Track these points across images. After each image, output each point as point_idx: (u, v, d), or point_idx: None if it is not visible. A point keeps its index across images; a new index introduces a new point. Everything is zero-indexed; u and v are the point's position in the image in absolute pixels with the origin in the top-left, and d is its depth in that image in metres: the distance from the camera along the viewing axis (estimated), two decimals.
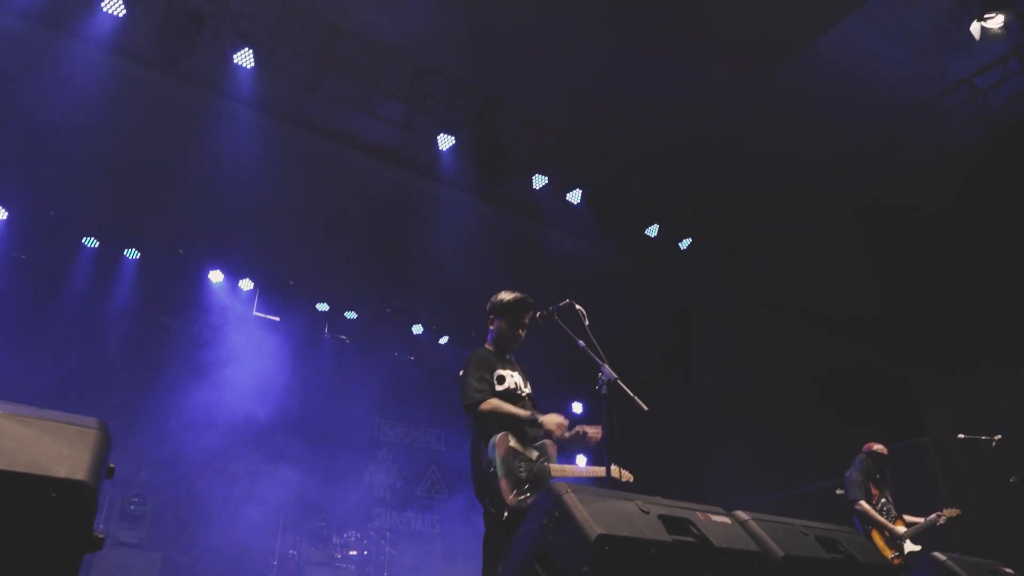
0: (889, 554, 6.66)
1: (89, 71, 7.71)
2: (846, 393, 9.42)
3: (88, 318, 9.41)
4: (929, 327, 8.84)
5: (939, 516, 6.82)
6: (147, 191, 9.42)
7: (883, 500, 6.93)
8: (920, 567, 4.35)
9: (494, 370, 4.39)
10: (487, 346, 4.64)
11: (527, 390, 4.51)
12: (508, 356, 4.61)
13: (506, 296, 4.62)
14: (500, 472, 3.97)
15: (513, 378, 4.43)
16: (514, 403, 4.29)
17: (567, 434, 4.29)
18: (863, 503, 6.78)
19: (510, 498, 3.92)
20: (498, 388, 4.33)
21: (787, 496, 9.72)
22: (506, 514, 3.88)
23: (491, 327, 4.64)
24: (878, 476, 7.04)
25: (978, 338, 8.30)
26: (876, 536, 6.75)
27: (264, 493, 9.00)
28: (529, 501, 3.92)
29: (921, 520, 6.87)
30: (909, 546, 6.68)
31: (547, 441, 4.32)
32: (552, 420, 4.21)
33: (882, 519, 6.78)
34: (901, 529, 6.77)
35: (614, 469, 4.04)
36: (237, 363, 9.98)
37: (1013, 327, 7.99)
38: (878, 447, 7.05)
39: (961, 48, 8.55)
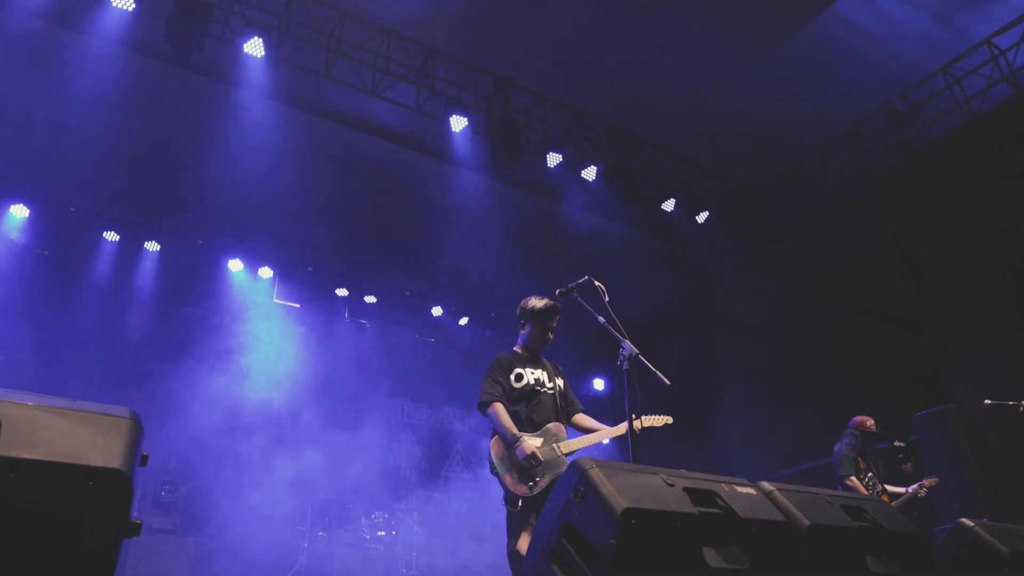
0: None
1: (102, 66, 7.77)
2: (866, 364, 9.37)
3: (111, 310, 9.54)
4: (951, 296, 8.72)
5: (920, 487, 6.83)
6: (163, 183, 9.50)
7: (870, 474, 6.88)
8: (947, 534, 4.32)
9: (512, 370, 4.57)
10: (516, 348, 4.81)
11: (551, 385, 4.65)
12: (534, 356, 4.77)
13: (536, 303, 4.76)
14: (501, 471, 4.25)
15: (534, 375, 4.60)
16: (530, 399, 4.49)
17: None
18: (853, 478, 6.70)
19: (521, 489, 4.15)
20: (516, 386, 4.53)
21: (810, 468, 9.72)
22: (520, 503, 4.14)
23: (522, 331, 4.81)
24: (866, 450, 7.02)
25: (1002, 305, 8.18)
26: None
27: (291, 477, 9.12)
28: (542, 485, 4.11)
29: (903, 491, 6.89)
30: None
31: (551, 426, 4.46)
32: (527, 447, 4.21)
33: (869, 494, 6.71)
34: (891, 504, 6.74)
35: (645, 419, 4.32)
36: (259, 350, 10.09)
37: None
38: (869, 422, 7.01)
39: (979, 8, 8.39)
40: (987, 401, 6.79)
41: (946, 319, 8.72)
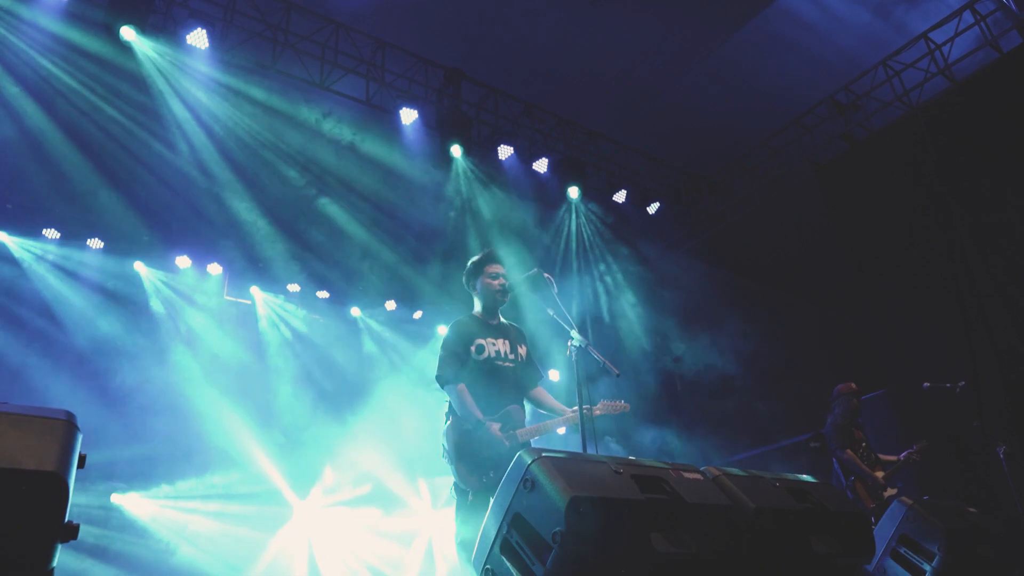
0: (871, 504, 6.53)
1: (37, 56, 7.49)
2: (814, 351, 9.59)
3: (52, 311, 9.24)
4: (891, 281, 8.98)
5: (912, 452, 6.80)
6: (104, 181, 9.20)
7: (863, 444, 6.84)
8: (885, 514, 4.46)
9: (472, 340, 4.42)
10: (474, 313, 4.67)
11: (513, 356, 4.50)
12: (495, 321, 4.62)
13: (473, 258, 4.71)
14: (454, 458, 4.15)
15: (495, 346, 4.45)
16: (490, 376, 4.35)
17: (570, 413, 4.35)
18: (850, 452, 6.68)
19: (472, 481, 4.07)
20: (477, 358, 4.37)
21: (759, 453, 9.92)
22: (470, 497, 4.07)
23: (473, 294, 4.70)
24: (857, 419, 6.95)
25: (940, 289, 8.45)
26: (859, 485, 6.65)
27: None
28: (494, 478, 4.00)
29: (894, 459, 6.86)
30: (888, 492, 6.59)
31: (511, 409, 4.36)
32: (492, 437, 4.17)
33: (865, 468, 6.68)
34: (880, 474, 6.70)
35: (603, 404, 4.29)
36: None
37: (978, 277, 8.13)
38: (853, 385, 6.99)
39: (917, 3, 8.64)
40: (925, 384, 7.00)
41: (887, 304, 8.98)
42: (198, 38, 7.49)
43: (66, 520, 1.84)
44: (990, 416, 7.10)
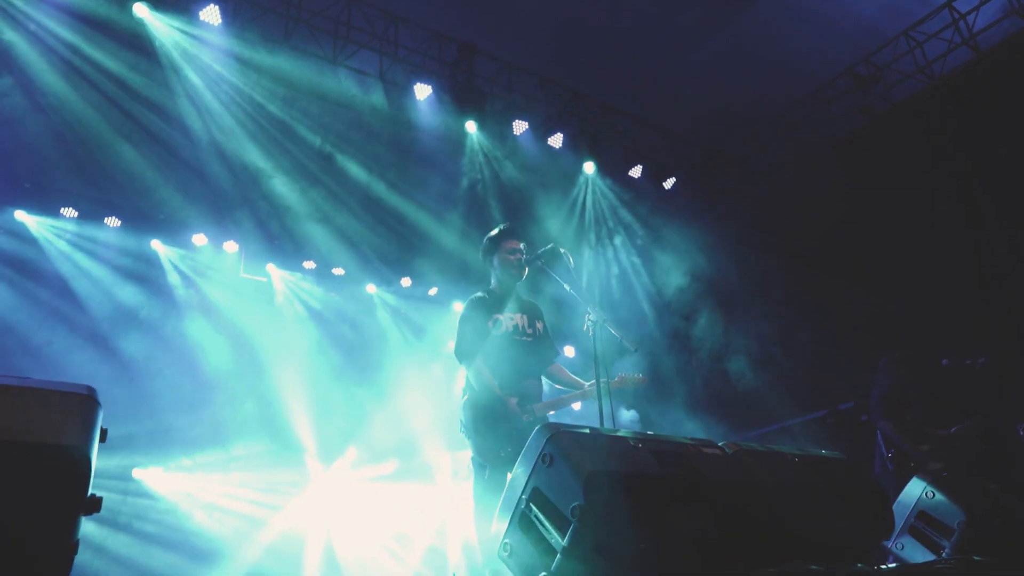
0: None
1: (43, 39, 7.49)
2: (832, 327, 9.52)
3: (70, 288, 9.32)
4: (910, 255, 8.87)
5: (964, 427, 6.33)
6: (120, 160, 9.22)
7: (910, 417, 6.43)
8: (904, 490, 4.42)
9: (490, 315, 4.42)
10: (491, 288, 4.66)
11: (531, 331, 4.49)
12: (512, 296, 4.60)
13: (489, 233, 4.69)
14: (473, 434, 4.17)
15: (512, 320, 4.44)
16: (509, 349, 4.35)
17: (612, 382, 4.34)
18: (891, 422, 6.35)
19: (490, 456, 4.09)
20: (495, 333, 4.37)
21: (779, 428, 9.90)
22: (488, 471, 4.09)
23: (490, 269, 4.68)
24: (908, 388, 6.58)
25: (962, 264, 8.34)
26: (899, 458, 6.30)
27: None
28: (509, 450, 4.02)
29: (944, 433, 6.39)
30: (932, 466, 6.03)
31: (530, 382, 4.38)
32: (512, 403, 4.19)
33: (907, 440, 6.26)
34: (925, 447, 6.26)
35: (620, 378, 4.33)
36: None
37: (999, 252, 8.01)
38: (901, 355, 6.67)
39: None
40: (945, 360, 6.90)
41: (907, 279, 8.88)
42: (211, 14, 7.48)
43: (89, 494, 1.86)
44: (1011, 393, 7.02)
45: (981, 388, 7.09)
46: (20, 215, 9.08)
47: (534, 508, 2.48)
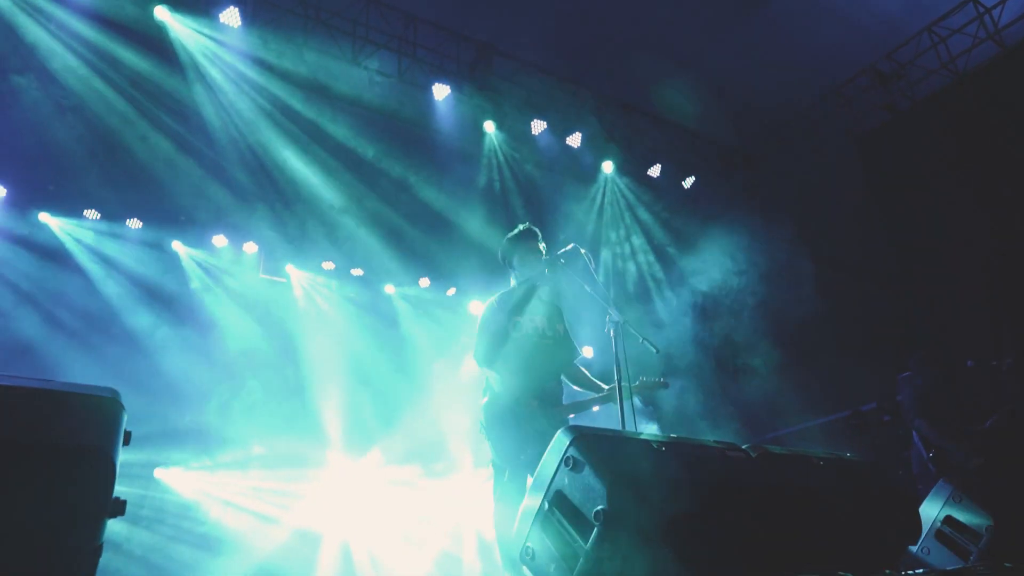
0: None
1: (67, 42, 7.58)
2: (852, 327, 9.41)
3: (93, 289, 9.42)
4: (933, 254, 8.75)
5: (997, 419, 6.17)
6: (141, 162, 9.30)
7: (943, 418, 6.24)
8: (933, 490, 4.37)
9: (511, 316, 4.38)
10: (511, 289, 4.61)
11: (551, 333, 4.45)
12: (533, 296, 4.54)
13: (511, 233, 4.65)
14: (493, 435, 4.16)
15: (533, 321, 4.40)
16: (529, 350, 4.29)
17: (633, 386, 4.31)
18: (927, 421, 6.19)
19: (510, 458, 4.06)
20: (515, 334, 4.32)
21: (801, 429, 9.81)
22: (507, 473, 4.06)
23: (510, 270, 4.65)
24: (941, 388, 6.40)
25: (984, 263, 8.20)
26: (941, 458, 6.10)
27: None
28: (529, 452, 3.98)
29: (984, 427, 6.22)
30: (976, 463, 5.92)
31: (550, 384, 4.34)
32: (535, 417, 4.14)
33: (945, 438, 6.11)
34: (965, 444, 6.07)
35: (641, 381, 4.27)
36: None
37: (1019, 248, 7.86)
38: (933, 354, 6.48)
39: None
40: (970, 361, 6.78)
41: (930, 277, 8.76)
42: (231, 16, 7.53)
43: (113, 496, 1.86)
44: None
45: (1007, 389, 6.97)
46: (44, 217, 9.18)
47: (557, 511, 2.46)
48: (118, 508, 1.86)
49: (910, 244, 8.99)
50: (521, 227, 4.65)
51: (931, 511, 4.24)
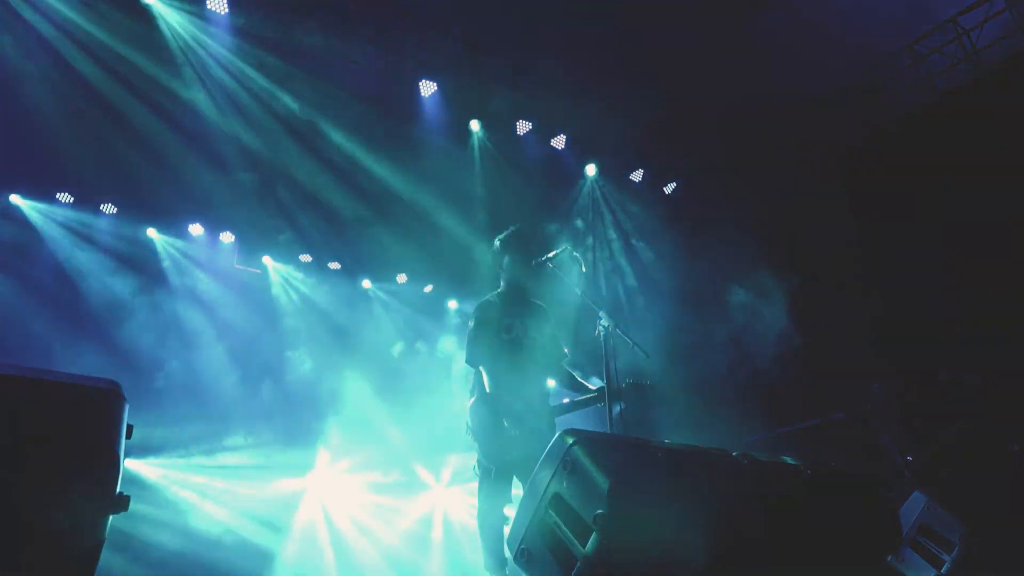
0: None
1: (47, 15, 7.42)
2: (833, 338, 9.53)
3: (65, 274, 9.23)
4: (911, 267, 8.90)
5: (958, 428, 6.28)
6: (117, 146, 9.12)
7: (915, 424, 6.54)
8: (908, 500, 4.46)
9: (500, 319, 4.39)
10: (501, 291, 4.60)
11: (541, 335, 4.47)
12: (522, 299, 4.55)
13: (501, 234, 4.63)
14: (481, 438, 4.17)
15: (522, 324, 4.40)
16: (519, 353, 4.31)
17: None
18: (895, 429, 6.49)
19: (497, 459, 4.08)
20: (504, 337, 4.34)
21: (795, 430, 9.88)
22: (494, 474, 4.07)
23: (499, 272, 4.62)
24: (912, 395, 6.74)
25: (963, 281, 8.37)
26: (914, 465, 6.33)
27: None
28: (516, 453, 4.02)
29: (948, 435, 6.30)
30: None
31: (539, 386, 4.37)
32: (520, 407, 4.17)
33: (913, 448, 6.31)
34: (933, 454, 6.22)
35: (628, 384, 4.21)
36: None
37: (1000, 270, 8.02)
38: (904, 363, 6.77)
39: None
40: (942, 374, 6.93)
41: (907, 291, 8.90)
42: (217, 3, 7.43)
43: (117, 492, 1.82)
44: (1009, 406, 7.05)
45: (977, 401, 7.13)
46: (15, 199, 8.97)
47: (554, 515, 2.46)
48: (121, 504, 1.82)
49: (888, 253, 9.14)
50: (511, 228, 4.64)
51: (906, 520, 4.32)
